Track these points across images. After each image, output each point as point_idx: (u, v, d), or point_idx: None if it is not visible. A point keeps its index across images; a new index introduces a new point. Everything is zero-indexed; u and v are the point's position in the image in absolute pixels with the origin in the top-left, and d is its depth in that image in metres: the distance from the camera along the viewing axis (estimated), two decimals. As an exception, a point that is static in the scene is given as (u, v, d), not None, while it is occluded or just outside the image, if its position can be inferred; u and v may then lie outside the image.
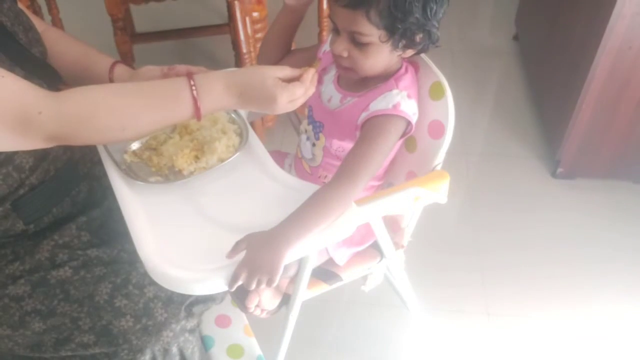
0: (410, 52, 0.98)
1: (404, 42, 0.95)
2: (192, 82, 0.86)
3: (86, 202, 1.06)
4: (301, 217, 0.87)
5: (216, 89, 0.88)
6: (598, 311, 1.59)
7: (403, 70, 1.02)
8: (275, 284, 0.84)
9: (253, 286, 0.83)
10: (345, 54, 0.96)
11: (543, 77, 2.15)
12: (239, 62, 1.86)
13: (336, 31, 0.96)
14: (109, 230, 1.06)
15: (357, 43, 0.94)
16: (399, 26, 0.90)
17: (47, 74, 1.01)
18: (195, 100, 0.86)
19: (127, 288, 0.99)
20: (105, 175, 1.00)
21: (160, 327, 1.00)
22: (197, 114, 0.87)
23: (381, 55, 0.95)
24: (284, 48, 1.14)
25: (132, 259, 0.91)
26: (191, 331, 1.08)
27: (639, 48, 1.57)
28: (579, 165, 1.90)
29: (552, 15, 2.06)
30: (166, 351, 1.04)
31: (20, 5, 1.09)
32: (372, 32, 0.91)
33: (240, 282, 0.84)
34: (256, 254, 0.83)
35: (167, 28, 2.33)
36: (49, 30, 1.15)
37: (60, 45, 1.14)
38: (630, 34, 1.54)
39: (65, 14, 2.04)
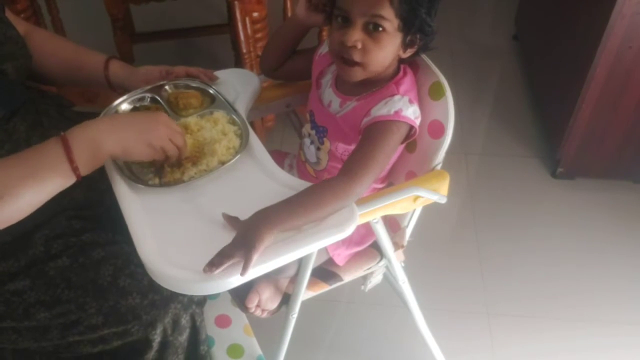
0: (409, 52, 0.98)
1: (410, 37, 0.95)
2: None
3: (82, 204, 1.05)
4: (290, 202, 0.86)
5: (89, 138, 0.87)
6: (598, 311, 1.59)
7: (402, 73, 1.01)
8: (251, 262, 0.79)
9: (226, 258, 0.80)
10: (359, 45, 0.93)
11: (543, 76, 2.15)
12: (239, 62, 1.86)
13: (346, 21, 0.94)
14: (102, 219, 1.05)
15: (371, 32, 0.92)
16: (416, 16, 0.91)
17: (4, 96, 0.99)
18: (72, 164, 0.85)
19: (129, 268, 0.98)
20: (101, 178, 0.98)
21: (168, 300, 1.00)
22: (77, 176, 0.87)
23: (392, 47, 0.95)
24: (286, 56, 1.14)
25: (130, 240, 0.89)
26: (198, 304, 1.09)
27: (639, 47, 1.57)
28: (579, 165, 1.91)
29: (552, 15, 2.06)
30: (176, 323, 1.04)
31: (8, 14, 1.08)
32: (391, 17, 0.91)
33: (229, 263, 0.80)
34: (238, 231, 0.83)
35: (167, 28, 2.33)
36: (35, 32, 1.14)
37: (48, 46, 1.13)
38: (630, 34, 1.54)
39: (65, 14, 2.04)
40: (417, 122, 0.99)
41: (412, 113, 0.97)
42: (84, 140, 0.86)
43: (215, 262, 0.80)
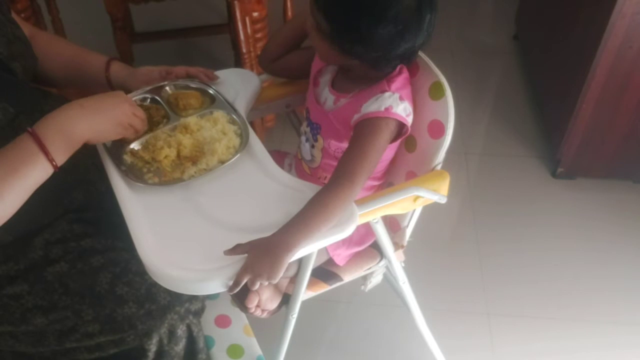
0: (351, 59, 0.97)
1: (341, 42, 0.94)
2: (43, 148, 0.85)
3: (83, 206, 1.05)
4: (302, 222, 0.86)
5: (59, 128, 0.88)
6: (598, 311, 1.59)
7: (396, 71, 1.01)
8: (276, 282, 0.85)
9: (255, 288, 0.83)
10: (311, 32, 0.98)
11: (543, 76, 2.15)
12: (239, 62, 1.86)
13: None
14: (103, 223, 1.05)
15: (315, 22, 0.96)
16: (331, 17, 0.92)
17: (14, 94, 1.00)
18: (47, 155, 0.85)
19: (127, 276, 0.98)
20: (100, 179, 0.98)
21: (165, 310, 1.00)
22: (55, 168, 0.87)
23: (322, 43, 0.96)
24: (288, 48, 1.14)
25: (130, 247, 0.90)
26: (196, 314, 1.09)
27: (639, 47, 1.57)
28: (579, 164, 1.90)
29: (552, 14, 2.06)
30: (172, 334, 1.04)
31: (14, 15, 1.08)
32: (316, 11, 0.94)
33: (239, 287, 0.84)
34: (257, 260, 0.83)
35: (166, 28, 2.33)
36: (39, 34, 1.15)
37: (51, 48, 1.13)
38: (631, 33, 1.54)
39: (65, 14, 2.04)
40: (409, 119, 0.99)
41: (402, 110, 0.97)
42: (55, 131, 0.87)
43: (235, 285, 0.83)
